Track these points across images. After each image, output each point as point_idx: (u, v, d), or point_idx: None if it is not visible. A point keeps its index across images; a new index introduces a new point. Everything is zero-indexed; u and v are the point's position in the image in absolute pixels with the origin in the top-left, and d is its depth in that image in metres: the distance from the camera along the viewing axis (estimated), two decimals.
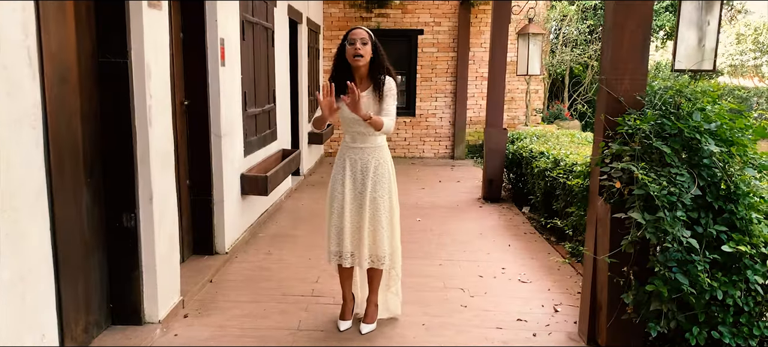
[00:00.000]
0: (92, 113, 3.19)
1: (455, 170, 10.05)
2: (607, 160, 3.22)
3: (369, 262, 3.48)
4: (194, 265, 4.55)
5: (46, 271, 2.39)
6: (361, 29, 3.37)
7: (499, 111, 7.52)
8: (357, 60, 3.32)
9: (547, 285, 4.48)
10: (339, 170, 3.48)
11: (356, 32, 3.35)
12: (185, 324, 3.68)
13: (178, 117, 4.45)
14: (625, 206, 3.08)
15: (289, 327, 3.67)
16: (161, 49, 3.51)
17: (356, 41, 3.32)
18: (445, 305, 4.05)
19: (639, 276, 3.10)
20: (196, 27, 4.56)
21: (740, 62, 20.52)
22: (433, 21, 11.18)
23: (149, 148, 3.35)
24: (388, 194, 3.48)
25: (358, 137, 3.44)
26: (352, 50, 3.32)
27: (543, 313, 3.97)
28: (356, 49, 3.31)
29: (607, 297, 3.29)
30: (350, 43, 3.33)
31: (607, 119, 3.23)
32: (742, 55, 20.45)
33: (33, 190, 2.30)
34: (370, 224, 3.44)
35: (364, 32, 3.35)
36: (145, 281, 3.44)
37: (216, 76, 4.69)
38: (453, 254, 5.24)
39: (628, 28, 3.23)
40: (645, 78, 3.27)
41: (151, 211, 3.40)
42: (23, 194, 2.21)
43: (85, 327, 3.12)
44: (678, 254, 2.83)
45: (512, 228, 6.18)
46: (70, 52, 2.97)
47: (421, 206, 7.21)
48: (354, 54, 3.31)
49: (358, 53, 3.31)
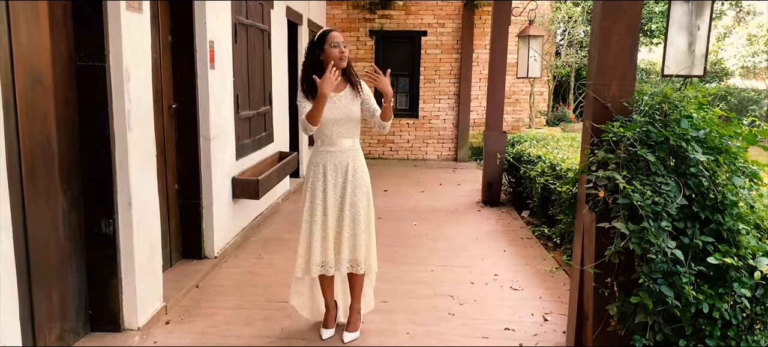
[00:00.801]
0: (69, 117, 3.15)
1: (457, 173, 9.97)
2: (594, 168, 3.14)
3: (348, 267, 3.42)
4: (182, 270, 4.51)
5: (7, 279, 2.35)
6: (336, 32, 3.37)
7: (498, 114, 7.43)
8: (343, 62, 3.33)
9: (539, 292, 4.40)
10: (318, 177, 3.40)
11: (337, 35, 3.35)
12: (166, 330, 3.63)
13: (167, 120, 4.42)
14: (610, 215, 3.00)
15: (270, 334, 3.61)
16: (142, 52, 3.46)
17: (340, 44, 3.33)
18: (432, 313, 3.98)
19: (624, 286, 3.01)
20: (184, 30, 4.52)
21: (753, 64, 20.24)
22: (437, 22, 11.10)
23: (128, 152, 3.30)
24: (367, 198, 3.44)
25: (337, 139, 3.38)
26: (337, 53, 3.31)
27: (532, 322, 3.89)
28: (342, 51, 3.32)
29: (593, 307, 3.20)
30: (334, 46, 3.31)
31: (592, 125, 3.15)
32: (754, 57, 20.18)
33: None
34: (349, 228, 3.38)
35: (341, 36, 3.38)
36: (124, 287, 3.39)
37: (205, 79, 4.65)
38: (446, 259, 5.16)
39: (615, 32, 3.14)
40: (633, 83, 3.18)
41: (130, 216, 3.35)
42: None
43: (59, 334, 3.08)
44: (663, 266, 2.74)
45: (509, 233, 6.09)
46: (45, 55, 2.93)
47: (418, 209, 7.14)
48: (340, 57, 3.31)
49: (344, 56, 3.33)
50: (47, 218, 2.97)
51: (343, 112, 3.35)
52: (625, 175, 2.83)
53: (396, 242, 5.61)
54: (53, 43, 3.00)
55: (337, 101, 3.36)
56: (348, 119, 3.36)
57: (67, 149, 3.14)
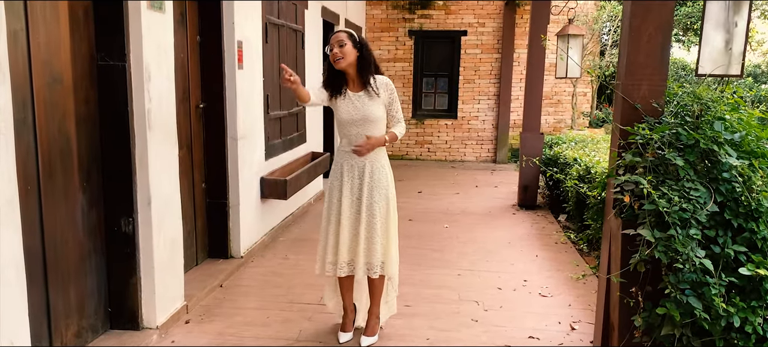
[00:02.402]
0: (89, 115, 3.19)
1: (495, 175, 9.80)
2: (621, 171, 3.00)
3: (364, 270, 3.36)
4: (207, 269, 4.53)
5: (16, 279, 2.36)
6: (341, 32, 3.27)
7: (536, 115, 7.25)
8: (337, 63, 3.23)
9: (569, 299, 4.24)
10: (336, 177, 3.38)
11: (334, 36, 3.26)
12: (185, 330, 3.64)
13: (194, 120, 4.44)
14: (636, 221, 2.85)
15: (288, 337, 3.58)
16: (164, 52, 3.48)
17: (334, 45, 3.23)
18: (455, 319, 3.88)
19: (651, 297, 2.86)
20: (212, 30, 4.54)
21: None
22: (477, 22, 10.94)
23: (148, 152, 3.32)
24: (385, 201, 3.35)
25: (355, 139, 3.33)
26: (331, 56, 3.23)
27: (558, 331, 3.75)
28: (334, 55, 3.23)
29: (618, 317, 3.06)
30: (330, 49, 3.24)
31: (620, 128, 3.01)
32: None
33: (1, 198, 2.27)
34: (365, 230, 3.31)
35: (342, 34, 3.25)
36: (143, 285, 3.41)
37: (233, 79, 4.66)
38: (475, 263, 5.05)
39: (645, 31, 2.99)
40: (664, 84, 3.02)
41: (149, 216, 3.37)
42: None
43: (77, 332, 3.12)
44: (691, 276, 2.59)
45: (544, 237, 5.93)
46: (64, 54, 2.96)
47: (451, 212, 7.03)
48: (333, 59, 3.22)
49: (335, 57, 3.22)
50: (65, 216, 3.01)
51: (360, 113, 3.28)
52: (650, 180, 2.68)
53: (425, 244, 5.52)
54: (74, 43, 3.03)
55: (355, 101, 3.30)
56: (365, 120, 3.28)
57: (87, 148, 3.17)
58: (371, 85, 3.30)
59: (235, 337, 3.56)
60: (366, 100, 3.30)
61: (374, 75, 3.33)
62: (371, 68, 3.32)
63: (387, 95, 3.35)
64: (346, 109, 3.29)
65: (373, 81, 3.31)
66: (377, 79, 3.34)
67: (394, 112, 3.42)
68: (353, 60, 3.26)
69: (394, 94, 3.40)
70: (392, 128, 3.42)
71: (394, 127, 3.43)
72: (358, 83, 3.33)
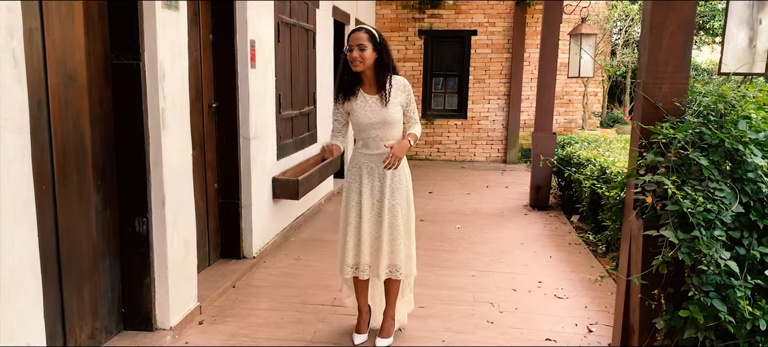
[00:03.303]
0: (104, 114, 3.16)
1: (505, 175, 9.74)
2: (642, 171, 2.95)
3: (387, 272, 3.32)
4: (219, 270, 4.50)
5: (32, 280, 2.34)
6: (361, 31, 3.18)
7: (548, 114, 7.19)
8: (354, 66, 3.16)
9: (585, 301, 4.19)
10: (354, 179, 3.33)
11: (354, 36, 3.17)
12: (198, 330, 3.61)
13: (207, 120, 4.42)
14: (658, 222, 2.80)
15: (302, 338, 3.55)
16: (178, 50, 3.45)
17: (354, 48, 3.15)
18: (470, 320, 3.84)
19: (673, 299, 2.81)
20: (225, 29, 4.52)
21: None
22: (488, 21, 10.88)
23: (162, 151, 3.29)
24: (406, 201, 3.31)
25: (373, 142, 3.28)
26: (349, 58, 3.17)
27: (575, 333, 3.70)
28: (352, 57, 3.15)
29: (639, 320, 3.01)
30: (349, 50, 3.17)
31: (641, 127, 2.96)
32: None
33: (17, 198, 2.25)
34: (388, 233, 3.27)
35: (363, 35, 3.16)
36: (156, 286, 3.39)
37: (245, 78, 4.64)
38: (489, 264, 5.00)
39: (667, 29, 2.94)
40: (686, 82, 2.97)
41: (163, 216, 3.34)
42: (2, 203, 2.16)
43: (91, 332, 3.09)
44: (716, 278, 2.54)
45: (557, 238, 5.87)
46: (79, 53, 2.94)
47: (463, 212, 6.98)
48: (351, 61, 3.16)
49: (354, 61, 3.15)
50: (79, 216, 2.98)
51: (379, 116, 3.23)
52: (674, 180, 2.63)
53: (437, 245, 5.48)
54: (88, 42, 3.00)
55: (372, 103, 3.25)
56: (384, 123, 3.23)
57: (101, 147, 3.14)
58: (387, 88, 3.24)
59: (249, 338, 3.54)
60: (381, 103, 3.24)
61: (392, 76, 3.28)
62: (390, 71, 3.26)
63: (405, 96, 3.30)
64: (364, 112, 3.24)
65: (390, 84, 3.25)
66: (394, 79, 3.28)
67: (411, 113, 3.37)
68: (372, 63, 3.20)
69: (411, 95, 3.34)
70: (410, 129, 3.37)
71: (411, 128, 3.37)
72: (373, 85, 3.27)
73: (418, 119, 3.42)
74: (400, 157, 3.19)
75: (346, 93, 3.28)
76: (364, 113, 3.25)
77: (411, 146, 3.24)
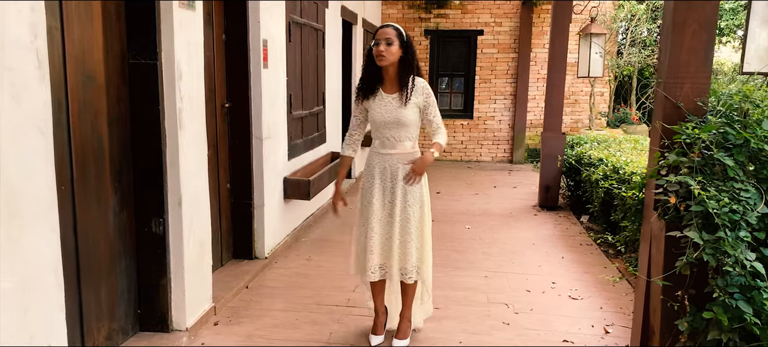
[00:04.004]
0: (121, 114, 3.15)
1: (512, 175, 9.72)
2: (663, 172, 2.92)
3: (399, 275, 3.30)
4: (232, 270, 4.49)
5: (55, 280, 2.33)
6: (389, 27, 3.17)
7: (557, 114, 7.17)
8: (379, 60, 3.15)
9: (600, 302, 4.17)
10: (369, 179, 3.32)
11: (382, 31, 3.17)
12: (214, 331, 3.60)
13: (219, 119, 4.40)
14: (681, 223, 2.77)
15: (318, 339, 3.53)
16: (194, 50, 3.44)
17: (381, 41, 3.14)
18: (486, 321, 3.82)
19: (696, 300, 2.79)
20: (238, 28, 4.50)
21: None
22: (494, 21, 10.87)
23: (179, 151, 3.27)
24: (419, 204, 3.27)
25: (388, 142, 3.26)
26: (375, 51, 3.16)
27: (592, 334, 3.68)
28: (379, 50, 3.14)
29: (660, 322, 2.98)
30: (375, 44, 3.16)
31: (663, 126, 2.93)
32: None
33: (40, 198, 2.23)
34: (399, 235, 3.25)
35: (391, 31, 3.15)
36: (173, 287, 3.37)
37: (258, 78, 4.62)
38: (501, 265, 4.98)
39: (689, 28, 2.92)
40: (708, 82, 2.95)
41: (180, 216, 3.33)
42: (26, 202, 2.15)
43: (108, 334, 3.08)
44: (741, 279, 2.52)
45: (568, 239, 5.85)
46: (97, 52, 2.92)
47: (472, 212, 6.96)
48: (377, 54, 3.14)
49: (380, 54, 3.13)
50: (98, 217, 2.97)
51: (393, 115, 3.20)
52: (700, 180, 2.60)
53: (448, 246, 5.46)
54: (106, 41, 2.99)
55: (388, 102, 3.23)
56: (397, 123, 3.21)
57: (118, 147, 3.13)
58: (407, 88, 3.22)
59: (265, 339, 3.52)
60: (399, 102, 3.22)
61: (414, 77, 3.26)
62: (412, 71, 3.23)
63: (422, 99, 3.24)
64: (379, 110, 3.23)
65: (411, 84, 3.22)
66: (416, 80, 3.26)
67: (432, 116, 3.27)
68: (396, 60, 3.18)
69: (430, 98, 3.26)
70: (434, 137, 3.25)
71: (436, 136, 3.25)
72: (394, 84, 3.26)
73: (442, 124, 3.31)
74: (420, 174, 3.15)
75: (366, 91, 3.27)
76: (380, 110, 3.23)
77: (434, 160, 3.15)
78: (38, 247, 2.22)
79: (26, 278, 2.16)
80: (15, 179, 2.08)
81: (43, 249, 2.24)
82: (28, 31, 2.13)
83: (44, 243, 2.24)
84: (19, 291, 2.13)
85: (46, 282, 2.27)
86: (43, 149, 2.24)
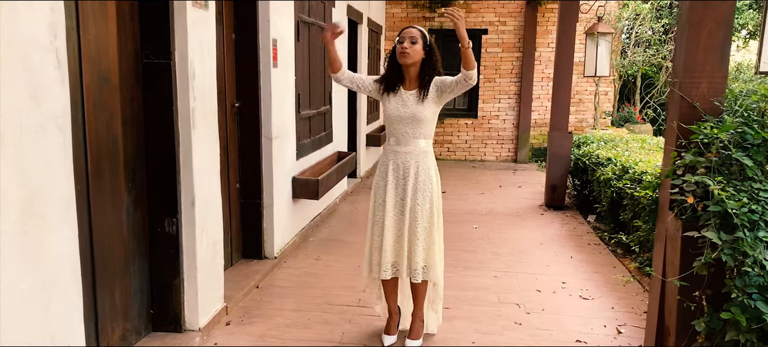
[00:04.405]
0: (134, 115, 3.14)
1: (517, 175, 9.71)
2: (680, 171, 2.92)
3: (407, 273, 3.29)
4: (242, 270, 4.48)
5: (73, 280, 2.32)
6: (414, 28, 3.21)
7: (564, 114, 7.17)
8: (403, 58, 3.16)
9: (611, 302, 4.16)
10: (381, 176, 3.32)
11: (407, 30, 3.21)
12: (226, 331, 3.59)
13: (229, 119, 4.39)
14: (698, 223, 2.77)
15: (331, 339, 3.52)
16: (207, 49, 3.43)
17: (405, 40, 3.17)
18: (497, 321, 3.81)
19: (713, 301, 2.78)
20: (248, 27, 4.49)
21: None
22: (498, 20, 10.85)
23: (192, 151, 3.27)
24: (429, 204, 3.26)
25: (403, 138, 3.26)
26: (399, 49, 3.18)
27: (605, 334, 3.67)
28: (403, 48, 3.16)
29: (675, 322, 2.98)
30: (399, 42, 3.19)
31: (680, 126, 2.92)
32: None
33: (59, 197, 2.23)
34: (408, 233, 3.24)
35: (415, 31, 3.19)
36: (186, 287, 3.36)
37: (268, 77, 4.61)
38: (510, 265, 4.97)
39: (705, 27, 2.92)
40: (724, 81, 2.95)
41: (193, 216, 3.32)
42: (46, 202, 2.14)
43: (122, 334, 3.07)
44: (759, 279, 2.51)
45: (575, 239, 5.84)
46: (112, 52, 2.91)
47: (478, 212, 6.95)
48: (400, 52, 3.16)
49: (404, 51, 3.16)
50: (112, 217, 2.96)
51: (409, 111, 3.21)
52: (718, 180, 2.60)
53: (457, 246, 5.45)
54: (120, 41, 2.98)
55: (406, 99, 3.23)
56: (413, 119, 3.21)
57: (132, 147, 3.12)
58: (427, 87, 3.23)
59: (278, 339, 3.51)
60: (416, 98, 3.23)
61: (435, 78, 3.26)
62: (434, 73, 3.26)
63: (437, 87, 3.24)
64: (396, 105, 3.23)
65: (432, 85, 3.24)
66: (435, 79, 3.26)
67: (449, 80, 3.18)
68: (419, 60, 3.21)
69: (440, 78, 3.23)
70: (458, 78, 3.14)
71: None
72: (414, 82, 3.27)
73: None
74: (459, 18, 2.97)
75: (388, 86, 3.28)
76: (397, 106, 3.23)
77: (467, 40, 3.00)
78: (58, 246, 2.21)
79: (47, 277, 2.15)
80: (37, 178, 2.08)
81: (63, 249, 2.24)
82: (48, 32, 2.12)
83: (64, 242, 2.24)
84: (40, 291, 2.12)
85: (65, 282, 2.27)
86: (63, 149, 2.23)
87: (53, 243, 2.18)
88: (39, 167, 2.09)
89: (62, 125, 2.22)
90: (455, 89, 3.20)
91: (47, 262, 2.15)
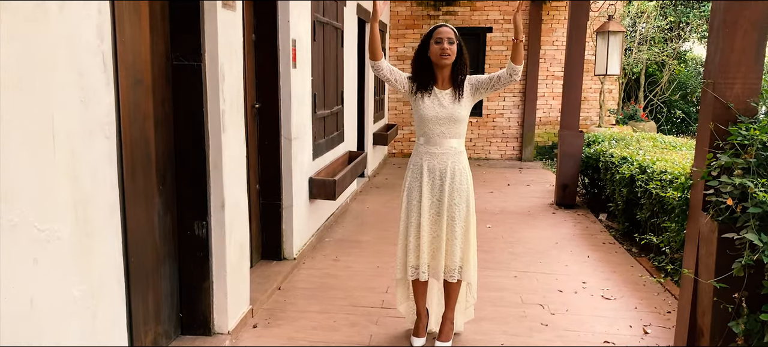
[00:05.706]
0: (165, 117, 3.11)
1: (524, 173, 9.71)
2: (715, 172, 2.91)
3: (443, 273, 3.28)
4: (263, 271, 4.46)
5: (117, 286, 2.30)
6: (447, 27, 3.19)
7: (575, 113, 7.17)
8: (445, 59, 3.14)
9: (634, 302, 4.16)
10: (415, 177, 3.28)
11: (444, 30, 3.17)
12: (254, 334, 3.57)
13: (249, 120, 4.37)
14: (736, 224, 2.76)
15: (359, 341, 3.51)
16: (235, 51, 3.41)
17: (444, 40, 3.15)
18: (523, 323, 3.81)
19: (749, 302, 2.78)
20: (268, 28, 4.46)
21: None
22: (503, 18, 10.84)
23: (222, 153, 3.25)
24: (466, 204, 3.27)
25: (437, 139, 3.24)
26: (438, 49, 3.15)
27: (632, 335, 3.67)
28: (444, 49, 3.14)
29: (710, 323, 2.97)
30: (437, 42, 3.16)
31: (716, 127, 2.92)
32: None
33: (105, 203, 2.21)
34: (445, 234, 3.23)
35: (451, 31, 3.17)
36: (215, 290, 3.34)
37: (287, 78, 4.58)
38: (528, 265, 4.97)
39: (740, 27, 2.91)
40: (759, 82, 2.95)
41: (222, 219, 3.30)
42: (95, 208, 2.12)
43: (154, 338, 3.05)
44: None
45: (589, 237, 5.85)
46: (144, 54, 2.89)
47: (490, 211, 6.95)
48: (441, 53, 3.14)
49: (445, 53, 3.13)
50: (145, 220, 2.94)
51: (447, 111, 3.20)
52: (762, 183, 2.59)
53: None
54: (152, 43, 2.95)
55: (442, 99, 3.22)
56: (450, 119, 3.20)
57: (163, 150, 3.10)
58: (461, 88, 3.22)
59: (306, 341, 3.50)
60: (452, 97, 3.22)
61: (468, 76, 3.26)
62: (466, 72, 3.26)
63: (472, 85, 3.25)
64: (432, 106, 3.21)
65: (466, 84, 3.24)
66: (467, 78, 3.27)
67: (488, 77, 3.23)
68: (453, 60, 3.20)
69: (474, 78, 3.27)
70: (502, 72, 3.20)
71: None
72: (448, 82, 3.26)
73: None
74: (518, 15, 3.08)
75: (420, 86, 3.24)
76: (432, 106, 3.21)
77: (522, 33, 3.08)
78: (106, 253, 2.19)
79: (95, 284, 2.13)
80: (87, 184, 2.06)
81: (109, 255, 2.22)
82: (95, 34, 2.10)
83: (110, 248, 2.22)
84: (89, 298, 2.10)
85: (111, 288, 2.25)
86: (108, 154, 2.21)
87: (101, 250, 2.16)
88: (88, 173, 2.07)
89: (108, 133, 2.21)
90: (497, 85, 3.22)
91: (95, 269, 2.13)
